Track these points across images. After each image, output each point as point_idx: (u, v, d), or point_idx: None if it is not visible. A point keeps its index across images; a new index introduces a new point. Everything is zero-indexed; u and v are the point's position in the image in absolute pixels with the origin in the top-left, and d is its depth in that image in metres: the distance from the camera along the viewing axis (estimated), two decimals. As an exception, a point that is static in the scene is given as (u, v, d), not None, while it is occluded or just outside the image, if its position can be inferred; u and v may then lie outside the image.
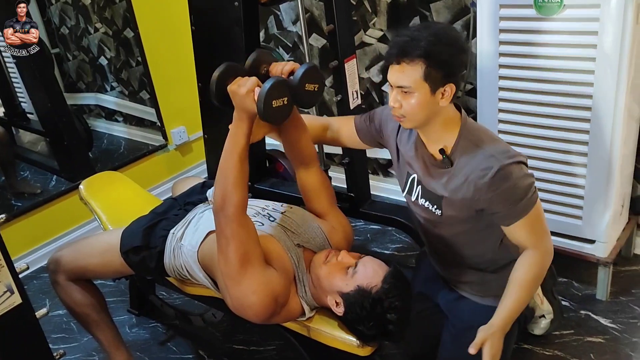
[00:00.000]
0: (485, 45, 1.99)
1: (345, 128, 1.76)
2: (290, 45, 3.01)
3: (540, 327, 1.93)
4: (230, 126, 1.45)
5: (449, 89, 1.38)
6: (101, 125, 3.51)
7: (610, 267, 2.04)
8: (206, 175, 2.79)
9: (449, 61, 1.35)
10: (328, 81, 2.92)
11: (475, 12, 2.04)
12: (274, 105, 1.37)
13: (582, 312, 2.04)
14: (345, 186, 2.33)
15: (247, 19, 2.20)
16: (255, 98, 1.37)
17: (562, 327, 1.98)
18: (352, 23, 2.48)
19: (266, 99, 1.34)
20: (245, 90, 1.39)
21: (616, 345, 1.89)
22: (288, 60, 1.50)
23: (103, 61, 3.33)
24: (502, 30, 1.94)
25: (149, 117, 3.25)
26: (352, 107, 2.12)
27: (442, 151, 1.47)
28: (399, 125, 1.60)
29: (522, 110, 2.01)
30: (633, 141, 2.08)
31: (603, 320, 2.00)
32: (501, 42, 1.95)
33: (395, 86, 1.39)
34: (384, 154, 2.88)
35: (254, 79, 1.41)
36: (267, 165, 2.62)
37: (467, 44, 1.39)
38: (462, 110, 1.50)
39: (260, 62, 1.52)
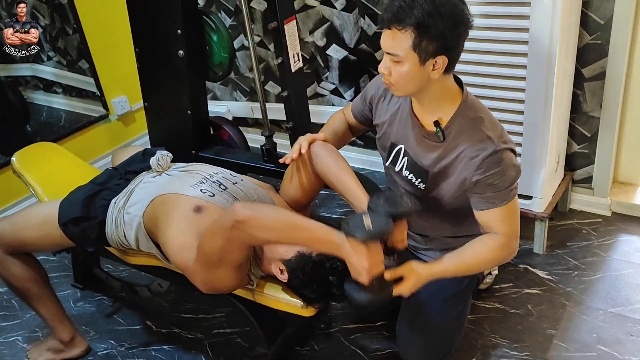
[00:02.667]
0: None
1: (349, 119, 1.76)
2: (232, 9, 2.94)
3: (485, 282, 2.00)
4: (341, 239, 1.27)
5: (441, 61, 1.32)
6: (40, 98, 3.36)
7: (547, 221, 2.11)
8: (149, 146, 2.73)
9: (442, 34, 1.28)
10: (272, 46, 2.87)
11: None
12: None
13: (521, 265, 2.12)
14: (291, 151, 2.32)
15: (183, -20, 2.13)
16: (366, 282, 1.26)
17: (502, 281, 2.05)
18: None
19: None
20: (366, 278, 1.26)
21: (552, 295, 1.98)
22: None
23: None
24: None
25: (89, 88, 3.13)
26: (293, 70, 2.09)
27: (436, 123, 1.43)
28: (384, 89, 1.57)
29: (457, 69, 2.02)
30: (567, 98, 2.14)
31: (540, 273, 2.08)
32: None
33: (385, 52, 1.35)
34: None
35: (381, 270, 1.29)
36: (212, 132, 2.58)
37: (468, 15, 1.32)
38: (464, 86, 1.46)
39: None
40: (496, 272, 2.01)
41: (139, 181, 1.75)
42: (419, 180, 1.52)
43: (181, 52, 2.22)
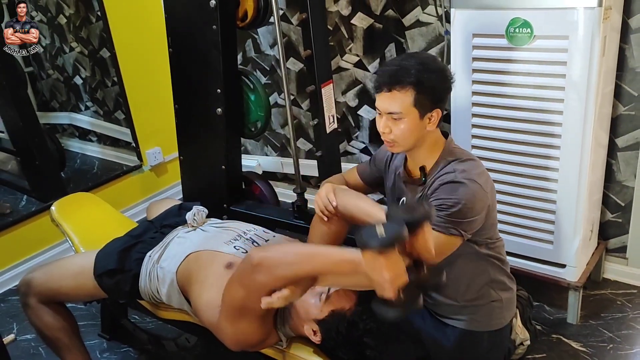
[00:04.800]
0: (458, 72, 2.03)
1: (351, 180, 1.82)
2: (268, 69, 3.03)
3: (517, 352, 1.95)
4: (357, 255, 1.18)
5: (436, 114, 1.46)
6: (75, 145, 3.47)
7: (581, 291, 2.07)
8: (181, 196, 2.77)
9: (436, 87, 1.43)
10: (305, 104, 2.94)
11: (449, 40, 2.09)
12: None
13: (554, 335, 2.07)
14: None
15: (225, 42, 2.22)
16: (392, 295, 1.15)
17: (535, 351, 2.00)
18: (329, 48, 2.52)
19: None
20: (391, 291, 1.14)
21: (587, 369, 1.93)
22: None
23: (78, 80, 3.30)
24: (474, 59, 1.99)
25: (124, 138, 3.22)
26: (328, 131, 2.14)
27: (421, 168, 1.54)
28: (391, 154, 1.68)
29: (493, 136, 2.05)
30: (601, 167, 2.14)
31: (574, 344, 2.03)
32: (474, 70, 2.01)
33: (385, 113, 1.46)
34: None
35: (405, 280, 1.16)
36: (243, 187, 2.62)
37: (450, 72, 1.49)
38: (450, 135, 1.57)
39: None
40: (528, 342, 1.96)
41: (174, 235, 1.78)
42: None
43: (219, 110, 2.28)
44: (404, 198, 1.62)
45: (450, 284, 1.61)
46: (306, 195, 2.39)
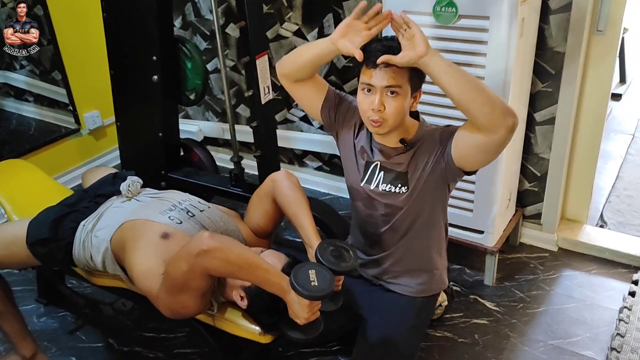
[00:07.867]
0: (389, 47, 2.10)
1: (318, 91, 1.70)
2: (208, 34, 3.01)
3: (437, 313, 2.11)
4: (289, 286, 1.42)
5: (418, 94, 1.53)
6: (10, 105, 3.37)
7: (497, 255, 2.24)
8: (119, 162, 2.77)
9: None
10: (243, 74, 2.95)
11: (382, 15, 2.14)
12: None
13: (471, 296, 2.24)
14: (258, 178, 2.40)
15: (160, 9, 2.21)
16: (300, 323, 1.46)
17: (453, 311, 2.16)
18: (264, 20, 2.53)
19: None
20: (302, 322, 1.45)
21: (498, 326, 2.10)
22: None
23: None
24: (404, 35, 2.06)
25: (61, 99, 3.16)
26: (263, 102, 2.18)
27: (402, 140, 1.57)
28: (361, 122, 1.64)
29: (419, 110, 2.13)
30: (519, 140, 2.27)
31: (488, 304, 2.20)
32: (404, 46, 2.07)
33: (382, 87, 1.43)
34: (298, 144, 2.97)
35: (316, 317, 1.47)
36: (182, 154, 2.64)
37: None
38: (421, 116, 1.63)
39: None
40: (446, 302, 2.12)
41: (108, 205, 1.81)
42: (400, 185, 1.61)
43: (155, 77, 2.28)
44: (377, 162, 1.64)
45: (410, 255, 1.72)
46: (243, 163, 2.44)
